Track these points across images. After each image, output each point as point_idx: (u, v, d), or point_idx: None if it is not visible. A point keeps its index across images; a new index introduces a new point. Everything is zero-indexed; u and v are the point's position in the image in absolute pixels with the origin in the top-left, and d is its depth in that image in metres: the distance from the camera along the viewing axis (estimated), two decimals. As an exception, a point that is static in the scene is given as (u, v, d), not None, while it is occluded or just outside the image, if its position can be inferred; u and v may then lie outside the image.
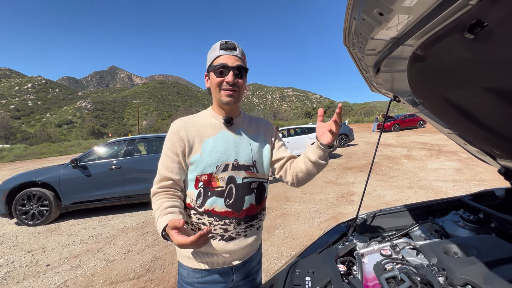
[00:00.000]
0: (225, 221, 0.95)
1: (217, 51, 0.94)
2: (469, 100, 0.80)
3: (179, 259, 1.02)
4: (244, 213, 0.97)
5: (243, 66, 0.96)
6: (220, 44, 0.95)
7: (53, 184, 4.60)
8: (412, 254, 0.99)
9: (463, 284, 0.72)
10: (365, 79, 1.18)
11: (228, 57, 0.93)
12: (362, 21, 0.69)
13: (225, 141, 0.97)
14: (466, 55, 0.61)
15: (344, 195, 5.19)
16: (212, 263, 0.96)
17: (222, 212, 0.94)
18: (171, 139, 0.96)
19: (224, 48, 0.94)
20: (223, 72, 0.93)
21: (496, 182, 5.21)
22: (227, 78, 0.92)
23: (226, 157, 0.95)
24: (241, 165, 0.97)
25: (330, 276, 0.86)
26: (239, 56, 0.95)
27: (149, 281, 2.68)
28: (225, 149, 0.96)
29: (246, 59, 1.02)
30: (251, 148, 1.02)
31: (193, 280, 0.97)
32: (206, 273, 0.97)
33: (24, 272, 2.98)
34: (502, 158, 1.07)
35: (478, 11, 0.49)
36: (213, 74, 0.95)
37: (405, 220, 1.29)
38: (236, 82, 0.94)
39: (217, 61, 0.94)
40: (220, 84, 0.94)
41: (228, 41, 0.96)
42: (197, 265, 0.96)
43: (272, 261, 2.87)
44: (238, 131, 1.02)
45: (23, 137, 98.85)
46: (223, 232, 0.95)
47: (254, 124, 1.09)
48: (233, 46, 0.95)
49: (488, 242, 0.88)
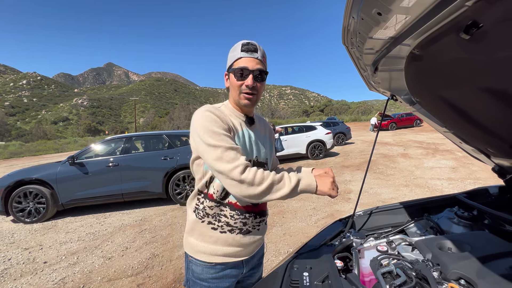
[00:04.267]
0: (245, 215, 0.98)
1: (238, 52, 0.93)
2: (465, 99, 0.81)
3: (192, 255, 0.99)
4: (260, 208, 1.03)
5: (263, 69, 0.95)
6: (241, 45, 0.93)
7: (50, 182, 4.58)
8: (408, 250, 1.01)
9: (457, 278, 0.74)
10: (363, 78, 1.19)
11: (248, 60, 0.92)
12: (361, 20, 0.70)
13: (248, 138, 1.00)
14: (462, 55, 0.63)
15: (341, 193, 5.22)
16: (227, 258, 0.97)
17: (243, 207, 0.97)
18: (215, 119, 0.89)
19: (245, 50, 0.92)
20: (243, 74, 0.92)
21: (490, 180, 5.28)
22: (247, 81, 0.92)
23: (248, 153, 0.98)
24: (259, 162, 1.03)
25: (328, 271, 0.88)
26: (260, 58, 0.94)
27: (147, 278, 2.69)
28: (249, 146, 0.99)
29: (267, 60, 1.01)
30: (265, 147, 1.07)
31: (208, 276, 0.97)
32: (220, 268, 0.97)
33: (21, 269, 2.97)
34: (496, 156, 1.09)
35: (474, 12, 0.50)
36: (233, 76, 0.94)
37: (401, 217, 1.31)
38: (255, 86, 0.94)
39: (237, 64, 0.93)
40: (240, 86, 0.94)
41: (249, 42, 0.94)
42: (213, 259, 0.96)
43: (270, 257, 2.89)
44: (256, 131, 1.05)
45: (18, 134, 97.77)
46: (242, 225, 0.98)
47: (262, 125, 1.13)
48: (254, 48, 0.93)
49: (481, 238, 0.90)
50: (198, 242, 0.98)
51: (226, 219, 0.96)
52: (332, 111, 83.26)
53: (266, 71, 0.97)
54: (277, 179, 0.84)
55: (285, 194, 0.83)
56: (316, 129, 9.77)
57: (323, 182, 0.88)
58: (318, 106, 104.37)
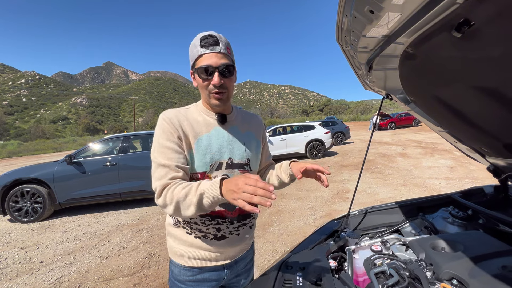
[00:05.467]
0: (218, 220, 0.93)
1: (198, 49, 0.83)
2: (458, 98, 0.81)
3: (170, 257, 1.00)
4: (237, 212, 0.97)
5: (229, 63, 0.85)
6: (200, 40, 0.83)
7: (47, 181, 4.56)
8: (402, 250, 1.01)
9: (449, 278, 0.74)
10: (358, 77, 1.19)
11: (210, 56, 0.82)
12: (354, 18, 0.69)
13: (219, 139, 0.93)
14: (455, 54, 0.62)
15: (339, 193, 5.23)
16: (203, 262, 0.95)
17: (214, 212, 0.93)
18: (167, 129, 0.86)
19: (205, 45, 0.82)
20: (207, 73, 0.84)
21: (488, 180, 5.30)
22: (213, 80, 0.84)
23: (219, 155, 0.92)
24: (235, 163, 0.95)
25: (321, 272, 0.88)
26: (223, 51, 0.84)
27: (144, 277, 2.68)
28: (219, 147, 0.92)
29: (232, 50, 0.91)
30: (245, 147, 0.98)
31: (184, 278, 0.96)
32: (197, 271, 0.95)
33: (18, 269, 2.96)
34: (491, 156, 1.09)
35: (465, 10, 0.50)
36: (198, 76, 0.86)
37: (396, 216, 1.31)
38: (223, 83, 0.86)
39: (200, 62, 0.84)
40: (207, 87, 0.87)
41: (209, 34, 0.83)
42: (189, 263, 0.95)
43: (267, 257, 2.89)
44: (232, 129, 0.97)
45: (17, 133, 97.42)
46: (215, 231, 0.94)
47: (246, 122, 1.05)
48: (215, 41, 0.83)
49: (475, 238, 0.89)
50: (175, 245, 0.97)
51: (198, 226, 0.93)
52: (331, 111, 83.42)
53: (233, 64, 0.88)
54: (182, 197, 0.75)
55: (195, 211, 0.76)
56: (315, 129, 9.78)
57: (228, 189, 0.69)
58: (318, 106, 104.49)
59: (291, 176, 1.02)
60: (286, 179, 1.03)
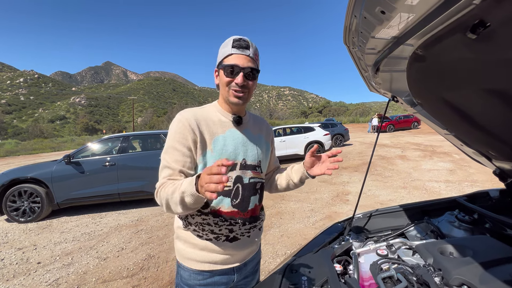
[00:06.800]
0: (230, 221, 0.93)
1: (229, 48, 0.88)
2: (468, 101, 0.80)
3: (179, 260, 0.98)
4: (249, 214, 0.98)
5: (254, 68, 0.90)
6: (233, 40, 0.89)
7: (45, 181, 4.52)
8: (408, 254, 0.99)
9: (459, 285, 0.73)
10: (364, 79, 1.18)
11: (239, 57, 0.88)
12: (364, 19, 0.68)
13: (234, 139, 0.95)
14: (468, 56, 0.61)
15: (339, 195, 5.22)
16: (215, 265, 0.94)
17: (228, 212, 0.93)
18: (181, 130, 0.88)
19: (237, 46, 0.88)
20: (233, 72, 0.88)
21: (488, 183, 5.30)
22: (237, 79, 0.88)
23: (234, 156, 0.94)
24: (248, 165, 0.97)
25: (327, 275, 0.86)
26: (252, 56, 0.90)
27: (143, 279, 2.65)
28: (234, 148, 0.94)
29: (259, 58, 0.96)
30: (257, 149, 1.01)
31: (195, 282, 0.94)
32: (208, 274, 0.94)
33: (15, 270, 2.92)
34: (497, 159, 1.08)
35: (481, 11, 0.48)
36: (223, 73, 0.90)
37: (401, 220, 1.30)
38: (246, 84, 0.90)
39: (228, 60, 0.88)
40: (229, 84, 0.90)
41: (241, 38, 0.89)
42: (200, 267, 0.93)
43: (267, 259, 2.87)
44: (245, 131, 1.00)
45: (15, 132, 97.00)
46: (228, 232, 0.94)
47: (257, 125, 1.08)
48: (246, 45, 0.89)
49: (483, 243, 0.88)
50: (185, 248, 0.96)
51: (210, 227, 0.92)
52: (331, 113, 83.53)
53: (258, 69, 0.93)
54: (170, 195, 0.78)
55: (182, 210, 0.77)
56: (315, 130, 9.80)
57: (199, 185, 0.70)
58: (317, 107, 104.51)
59: (303, 174, 1.03)
60: (296, 178, 1.05)
